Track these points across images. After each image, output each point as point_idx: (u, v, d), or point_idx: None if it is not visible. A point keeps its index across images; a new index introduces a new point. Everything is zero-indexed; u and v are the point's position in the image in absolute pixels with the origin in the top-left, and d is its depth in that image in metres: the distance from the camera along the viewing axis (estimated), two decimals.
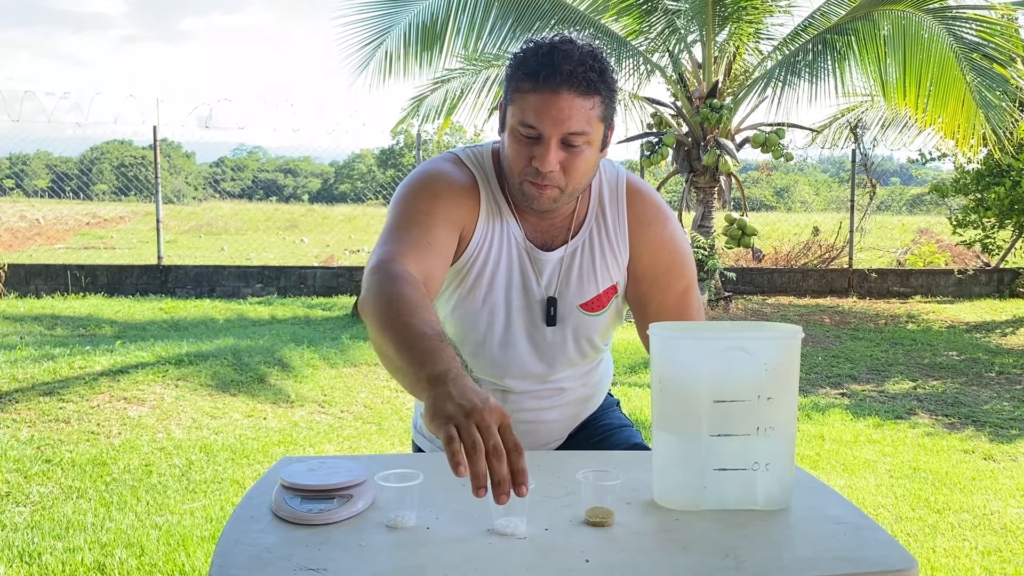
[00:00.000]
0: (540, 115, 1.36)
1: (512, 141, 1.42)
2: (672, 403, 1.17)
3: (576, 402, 1.66)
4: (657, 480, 1.21)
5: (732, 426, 1.15)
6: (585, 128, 1.37)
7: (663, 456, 1.19)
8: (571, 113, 1.36)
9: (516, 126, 1.40)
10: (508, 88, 1.43)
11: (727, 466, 1.16)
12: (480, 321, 1.54)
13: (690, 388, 1.15)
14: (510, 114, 1.42)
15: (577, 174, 1.41)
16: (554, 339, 1.56)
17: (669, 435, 1.18)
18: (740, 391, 1.14)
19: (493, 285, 1.52)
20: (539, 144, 1.38)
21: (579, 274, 1.54)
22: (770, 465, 1.16)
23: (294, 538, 1.07)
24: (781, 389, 1.15)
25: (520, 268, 1.53)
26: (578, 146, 1.39)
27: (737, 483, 1.16)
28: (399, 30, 7.87)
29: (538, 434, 1.62)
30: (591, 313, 1.56)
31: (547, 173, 1.39)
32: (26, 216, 15.80)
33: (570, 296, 1.55)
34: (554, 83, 1.35)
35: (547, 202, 1.44)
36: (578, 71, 1.35)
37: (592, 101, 1.38)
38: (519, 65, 1.40)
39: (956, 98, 6.79)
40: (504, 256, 1.52)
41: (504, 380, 1.57)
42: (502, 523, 1.09)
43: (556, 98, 1.35)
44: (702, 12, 8.01)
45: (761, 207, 20.19)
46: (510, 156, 1.43)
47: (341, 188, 34.89)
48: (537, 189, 1.42)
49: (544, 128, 1.37)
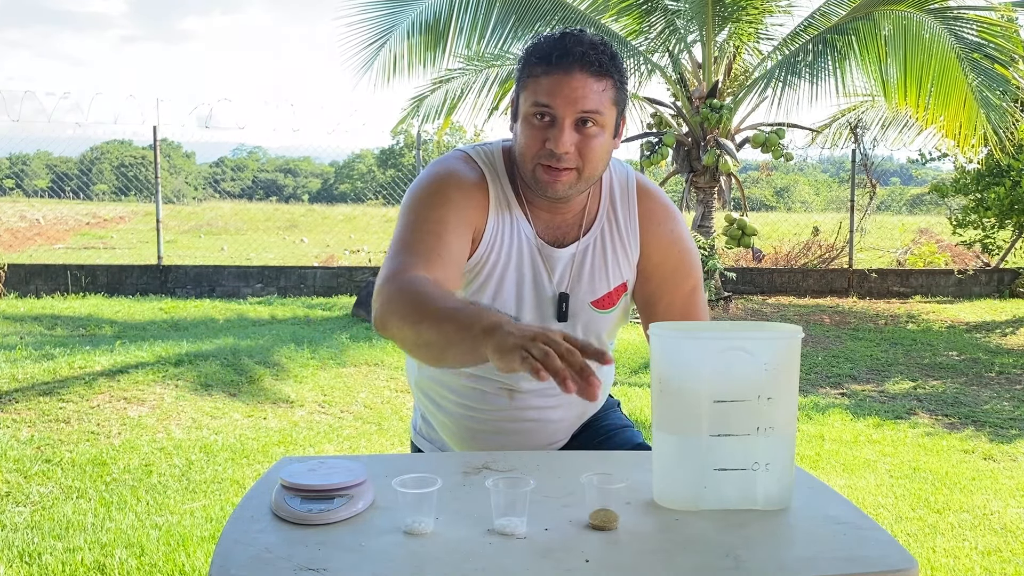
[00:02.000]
0: (553, 95, 1.38)
1: (526, 127, 1.42)
2: (672, 403, 1.17)
3: (581, 401, 1.64)
4: (657, 480, 1.21)
5: (732, 426, 1.15)
6: (599, 108, 1.39)
7: (663, 456, 1.19)
8: (585, 92, 1.37)
9: (530, 110, 1.41)
10: (520, 78, 1.44)
11: (727, 466, 1.16)
12: None
13: (690, 388, 1.15)
14: (523, 100, 1.43)
15: (592, 157, 1.41)
16: (565, 330, 1.55)
17: (669, 435, 1.18)
18: (740, 391, 1.14)
19: (503, 282, 1.52)
20: (553, 127, 1.39)
21: (591, 271, 1.54)
22: (770, 465, 1.16)
23: (294, 538, 1.06)
24: (781, 389, 1.15)
25: (532, 265, 1.52)
26: (592, 128, 1.39)
27: (737, 483, 1.16)
28: (402, 30, 7.87)
29: (544, 432, 1.62)
30: (602, 310, 1.56)
31: (562, 155, 1.39)
32: (26, 216, 15.80)
33: (581, 293, 1.54)
34: (567, 63, 1.37)
35: (562, 188, 1.43)
36: (590, 53, 1.38)
37: (604, 83, 1.39)
38: (531, 53, 1.42)
39: (957, 98, 6.78)
40: (515, 253, 1.51)
41: (513, 378, 1.56)
42: (502, 523, 1.09)
43: (569, 78, 1.37)
44: (702, 12, 8.01)
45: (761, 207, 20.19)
46: (523, 143, 1.43)
47: (341, 188, 34.87)
48: (552, 175, 1.41)
49: (558, 108, 1.38)
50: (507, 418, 1.58)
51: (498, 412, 1.58)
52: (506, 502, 1.09)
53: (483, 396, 1.58)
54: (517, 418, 1.58)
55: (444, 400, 1.63)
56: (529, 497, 1.10)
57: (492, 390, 1.57)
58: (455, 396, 1.61)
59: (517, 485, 1.10)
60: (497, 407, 1.58)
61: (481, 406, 1.59)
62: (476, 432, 1.61)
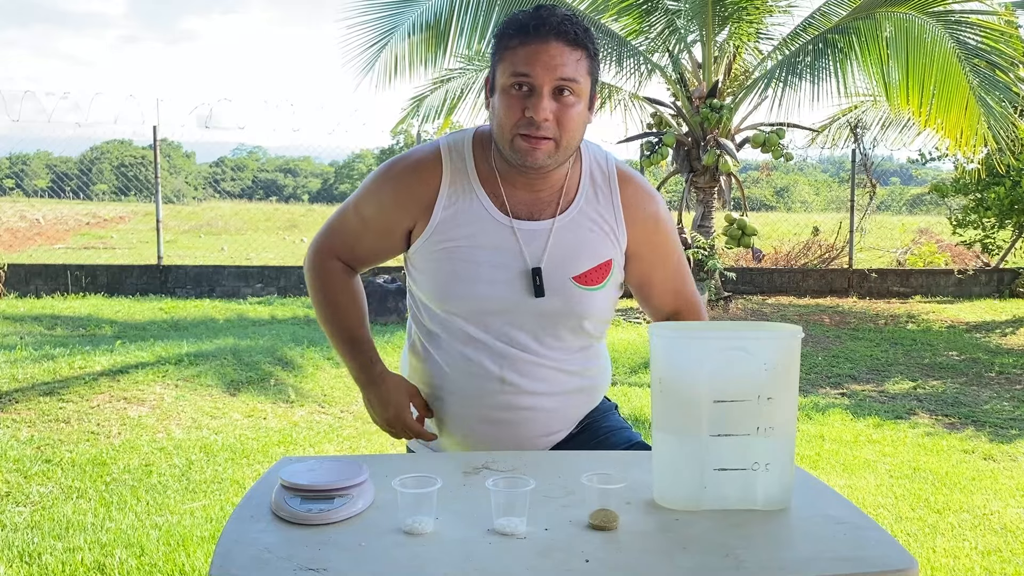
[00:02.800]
0: (532, 63, 1.42)
1: (504, 99, 1.46)
2: (672, 403, 1.17)
3: (573, 392, 1.62)
4: (657, 480, 1.21)
5: (732, 426, 1.15)
6: (575, 76, 1.44)
7: (663, 456, 1.19)
8: (562, 60, 1.43)
9: (508, 81, 1.45)
10: (496, 53, 1.48)
11: (727, 466, 1.16)
12: (467, 304, 1.54)
13: (690, 388, 1.15)
14: (500, 72, 1.47)
15: (570, 126, 1.46)
16: (544, 311, 1.54)
17: (669, 435, 1.18)
18: (740, 391, 1.14)
19: (472, 257, 1.53)
20: (532, 95, 1.43)
21: (571, 246, 1.54)
22: (770, 465, 1.16)
23: (294, 538, 1.07)
24: (781, 389, 1.15)
25: (500, 240, 1.53)
26: (569, 96, 1.44)
27: (737, 483, 1.16)
28: (403, 30, 7.86)
29: (536, 423, 1.59)
30: (586, 287, 1.55)
31: (541, 123, 1.43)
32: (26, 216, 15.80)
33: (561, 268, 1.54)
34: (543, 33, 1.43)
35: (541, 156, 1.46)
36: (565, 24, 1.44)
37: (579, 53, 1.45)
38: (506, 27, 1.47)
39: (959, 103, 6.73)
40: (478, 229, 1.53)
41: (502, 368, 1.55)
42: (502, 523, 1.09)
43: (546, 46, 1.43)
44: (702, 12, 8.01)
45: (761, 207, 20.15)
46: (502, 113, 1.46)
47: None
48: (531, 143, 1.45)
49: (536, 76, 1.42)
50: (498, 405, 1.56)
51: (490, 398, 1.56)
52: (506, 502, 1.09)
53: (473, 379, 1.57)
54: (509, 406, 1.56)
55: (436, 389, 1.63)
56: (529, 497, 1.10)
57: (483, 371, 1.56)
58: (446, 382, 1.61)
59: (517, 485, 1.10)
60: (488, 391, 1.56)
61: (471, 390, 1.58)
62: (467, 421, 1.60)
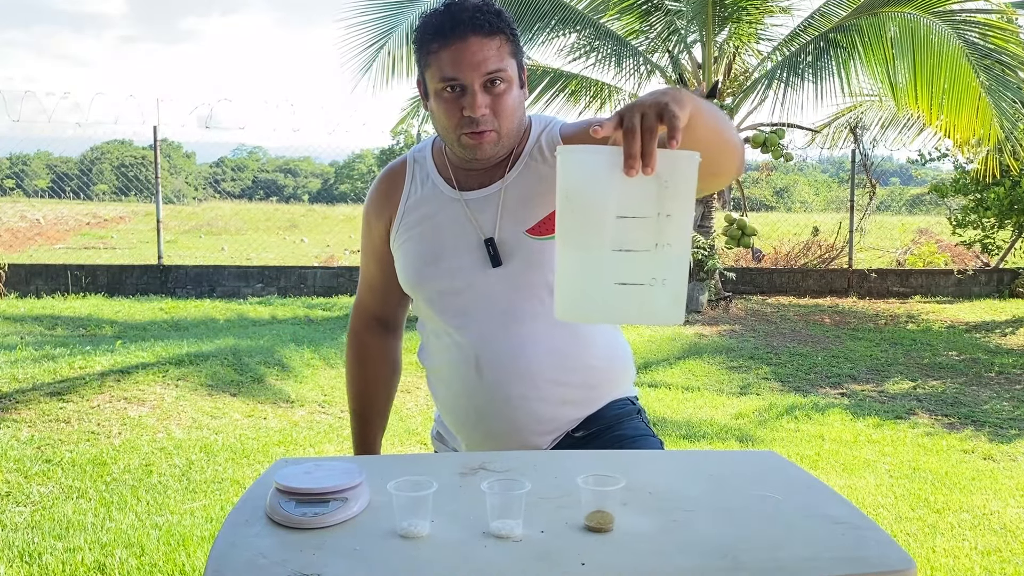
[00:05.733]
0: (457, 65, 1.44)
1: (439, 103, 1.48)
2: (577, 218, 1.19)
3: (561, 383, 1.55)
4: (559, 295, 1.23)
5: (633, 242, 1.17)
6: (501, 66, 1.46)
7: (567, 271, 1.21)
8: (485, 55, 1.44)
9: (439, 86, 1.47)
10: (420, 57, 1.50)
11: (627, 280, 1.18)
12: (434, 284, 1.56)
13: (595, 202, 1.17)
14: (429, 78, 1.48)
15: (507, 113, 1.48)
16: (510, 282, 1.53)
17: (573, 251, 1.20)
18: (641, 207, 1.17)
19: (431, 236, 1.57)
20: (465, 95, 1.45)
21: (520, 200, 1.54)
22: (667, 280, 1.19)
23: (289, 542, 1.06)
24: (679, 208, 1.18)
25: (453, 216, 1.56)
26: (500, 86, 1.46)
27: (637, 298, 1.19)
28: (401, 31, 7.86)
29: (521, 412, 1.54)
30: (540, 237, 1.53)
31: (479, 117, 1.45)
32: (26, 216, 15.80)
33: (513, 225, 1.53)
34: (460, 32, 1.44)
35: (489, 147, 1.49)
36: (479, 16, 1.44)
37: (498, 40, 1.46)
38: (422, 31, 1.48)
39: (970, 104, 6.66)
40: (434, 209, 1.57)
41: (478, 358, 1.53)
42: (498, 525, 1.09)
43: (466, 44, 1.44)
44: (702, 12, 8.00)
45: (761, 207, 20.14)
46: (442, 118, 1.49)
47: (341, 188, 34.84)
48: (475, 138, 1.47)
49: (464, 75, 1.44)
50: (480, 397, 1.55)
51: (472, 390, 1.55)
52: (502, 504, 1.09)
53: (455, 370, 1.57)
54: (491, 398, 1.55)
55: (434, 382, 1.65)
56: (525, 499, 1.09)
57: (460, 361, 1.56)
58: (435, 375, 1.63)
59: (513, 487, 1.10)
60: (469, 383, 1.56)
61: (456, 383, 1.58)
62: (458, 412, 1.60)
